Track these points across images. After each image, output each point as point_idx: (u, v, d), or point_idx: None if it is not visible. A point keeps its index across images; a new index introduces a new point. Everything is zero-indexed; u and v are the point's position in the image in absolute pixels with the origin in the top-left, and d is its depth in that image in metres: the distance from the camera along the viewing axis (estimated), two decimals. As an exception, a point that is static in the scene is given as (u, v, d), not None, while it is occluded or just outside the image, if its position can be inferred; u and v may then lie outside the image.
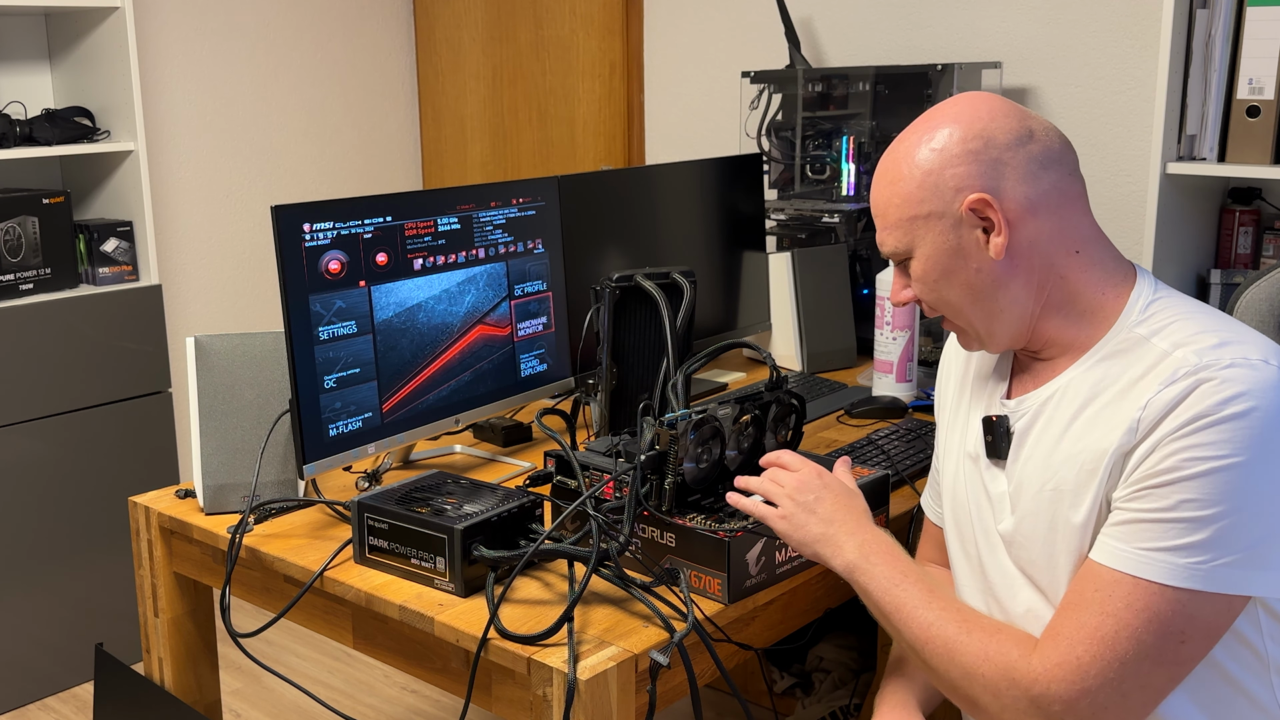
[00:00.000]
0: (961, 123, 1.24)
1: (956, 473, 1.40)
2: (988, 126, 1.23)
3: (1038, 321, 1.27)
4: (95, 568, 2.94)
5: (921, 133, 1.27)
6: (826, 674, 2.51)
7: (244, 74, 3.44)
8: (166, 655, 1.84)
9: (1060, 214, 1.24)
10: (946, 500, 1.44)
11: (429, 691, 2.84)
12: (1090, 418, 1.22)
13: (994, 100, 1.26)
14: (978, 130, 1.23)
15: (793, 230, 2.68)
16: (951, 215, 1.24)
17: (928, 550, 1.58)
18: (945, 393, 1.49)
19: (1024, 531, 1.28)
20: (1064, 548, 1.23)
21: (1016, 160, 1.22)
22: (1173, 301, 1.25)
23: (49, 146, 2.81)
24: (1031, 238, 1.23)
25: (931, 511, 1.55)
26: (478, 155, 3.72)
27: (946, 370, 1.50)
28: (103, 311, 2.88)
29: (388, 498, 1.55)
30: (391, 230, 1.78)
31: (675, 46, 3.23)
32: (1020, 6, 2.63)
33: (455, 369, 1.90)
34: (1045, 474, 1.25)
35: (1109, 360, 1.23)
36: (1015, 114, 1.25)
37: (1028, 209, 1.23)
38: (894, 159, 1.29)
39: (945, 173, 1.24)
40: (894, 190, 1.28)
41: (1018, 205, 1.23)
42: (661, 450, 1.45)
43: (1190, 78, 2.13)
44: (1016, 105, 1.27)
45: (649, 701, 1.33)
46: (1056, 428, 1.25)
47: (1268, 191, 2.34)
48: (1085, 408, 1.23)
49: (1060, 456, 1.23)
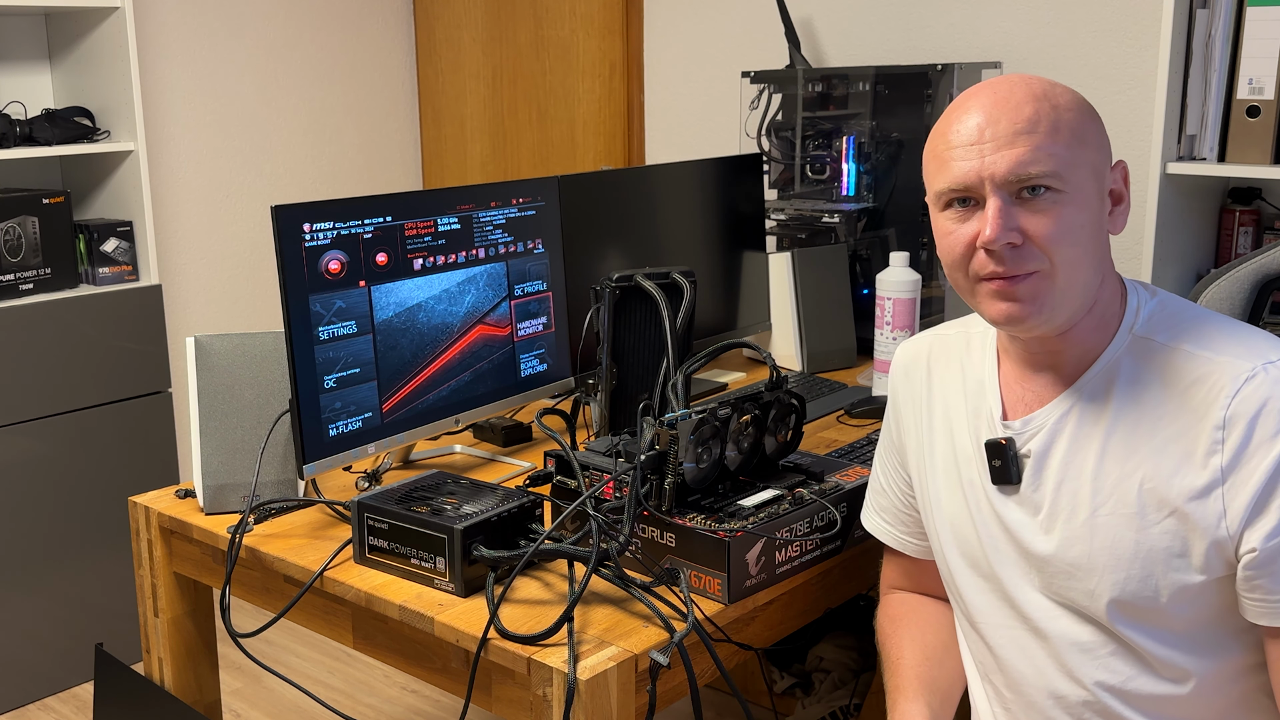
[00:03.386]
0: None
1: (954, 502, 1.35)
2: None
3: (1086, 308, 1.22)
4: (95, 568, 2.94)
5: (1053, 83, 1.20)
6: (826, 674, 2.51)
7: (244, 74, 3.44)
8: (166, 655, 1.84)
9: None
10: (944, 531, 1.37)
11: (429, 691, 2.84)
12: (1133, 434, 1.18)
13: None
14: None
15: (793, 230, 2.68)
16: (1106, 166, 1.21)
17: (894, 577, 1.54)
18: (903, 410, 1.43)
19: (1071, 557, 1.22)
20: (1162, 584, 1.18)
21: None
22: (1170, 304, 1.24)
23: (49, 146, 2.81)
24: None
25: (893, 539, 1.49)
26: (478, 155, 3.72)
27: (904, 387, 1.44)
28: (103, 311, 2.88)
29: (388, 498, 1.55)
30: (391, 230, 1.78)
31: (675, 46, 3.23)
32: (1020, 6, 2.63)
33: (455, 369, 1.90)
34: (1095, 497, 1.20)
35: (1124, 368, 1.20)
36: None
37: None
38: (1048, 84, 1.19)
39: (1100, 124, 1.21)
40: (1060, 115, 1.17)
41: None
42: (661, 450, 1.45)
43: (1190, 78, 2.13)
44: None
45: (649, 701, 1.33)
46: (1089, 446, 1.21)
47: (1268, 191, 2.34)
48: (1117, 422, 1.19)
49: (1109, 479, 1.19)
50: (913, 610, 1.49)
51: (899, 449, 1.45)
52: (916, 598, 1.51)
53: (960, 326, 1.42)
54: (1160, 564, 1.17)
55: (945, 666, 1.42)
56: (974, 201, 1.19)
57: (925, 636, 1.45)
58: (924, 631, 1.45)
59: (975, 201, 1.19)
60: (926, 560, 1.47)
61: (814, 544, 1.54)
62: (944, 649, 1.44)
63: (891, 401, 1.47)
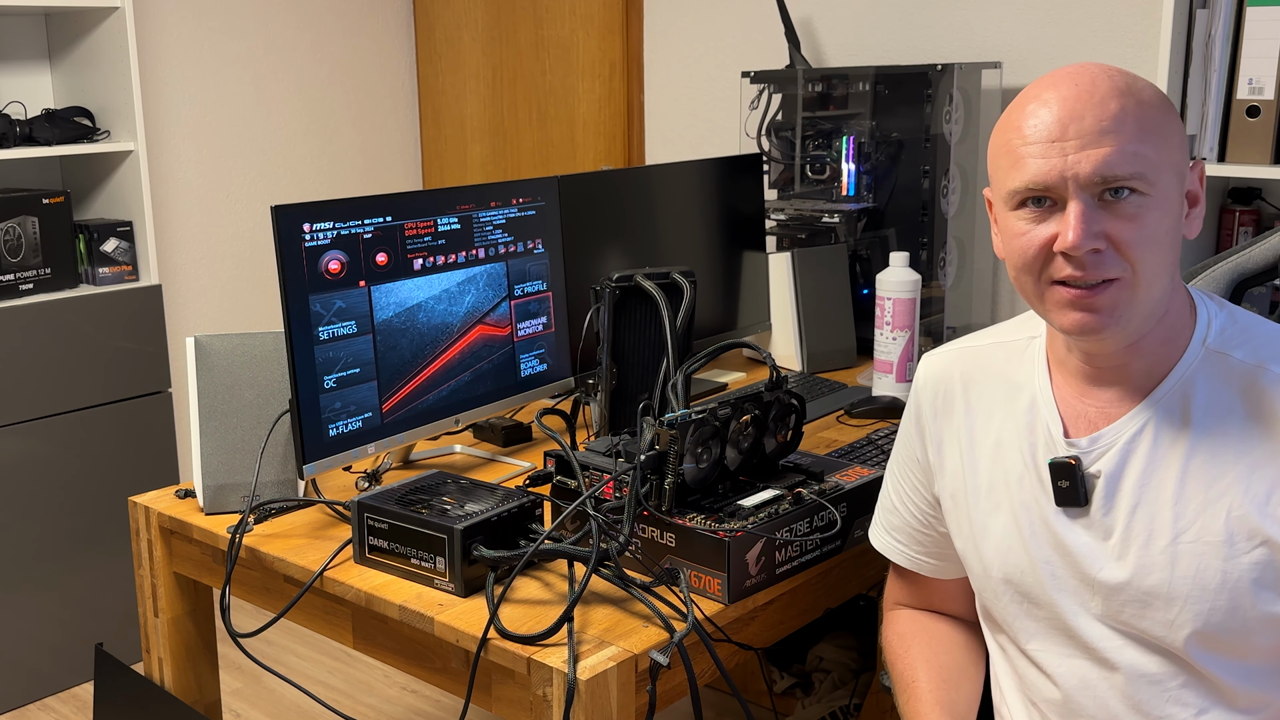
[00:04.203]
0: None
1: (1003, 526, 1.27)
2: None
3: (1157, 318, 1.16)
4: (95, 568, 2.94)
5: (1132, 75, 1.13)
6: (826, 674, 2.51)
7: (244, 74, 3.44)
8: (166, 655, 1.84)
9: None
10: (990, 556, 1.28)
11: (429, 691, 2.84)
12: (1218, 456, 1.13)
13: None
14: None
15: (793, 230, 2.68)
16: (1183, 168, 1.13)
17: (903, 595, 1.48)
18: (937, 430, 1.34)
19: (1149, 586, 1.16)
20: (1250, 615, 1.13)
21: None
22: (1241, 318, 1.19)
23: (49, 146, 2.81)
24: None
25: (907, 559, 1.43)
26: (478, 155, 3.72)
27: (938, 405, 1.34)
28: (103, 311, 2.88)
29: (388, 498, 1.55)
30: (391, 230, 1.78)
31: (675, 46, 3.23)
32: (1020, 6, 2.63)
33: (455, 369, 1.90)
34: (1177, 522, 1.14)
35: (1201, 385, 1.15)
36: None
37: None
38: (1127, 78, 1.12)
39: (1179, 121, 1.13)
40: (1145, 112, 1.09)
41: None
42: (661, 450, 1.45)
43: (1190, 78, 2.13)
44: None
45: (649, 701, 1.33)
46: (1169, 468, 1.15)
47: (1268, 191, 2.34)
48: (1199, 443, 1.14)
49: (1192, 504, 1.13)
50: (923, 629, 1.45)
51: (924, 469, 1.37)
52: (925, 615, 1.47)
53: (992, 336, 1.34)
54: (1249, 595, 1.12)
55: (961, 690, 1.38)
56: (1051, 202, 1.11)
57: (939, 658, 1.40)
58: (936, 653, 1.41)
59: (1053, 202, 1.11)
60: (938, 580, 1.43)
61: (814, 544, 1.54)
62: (959, 671, 1.40)
63: (915, 419, 1.38)
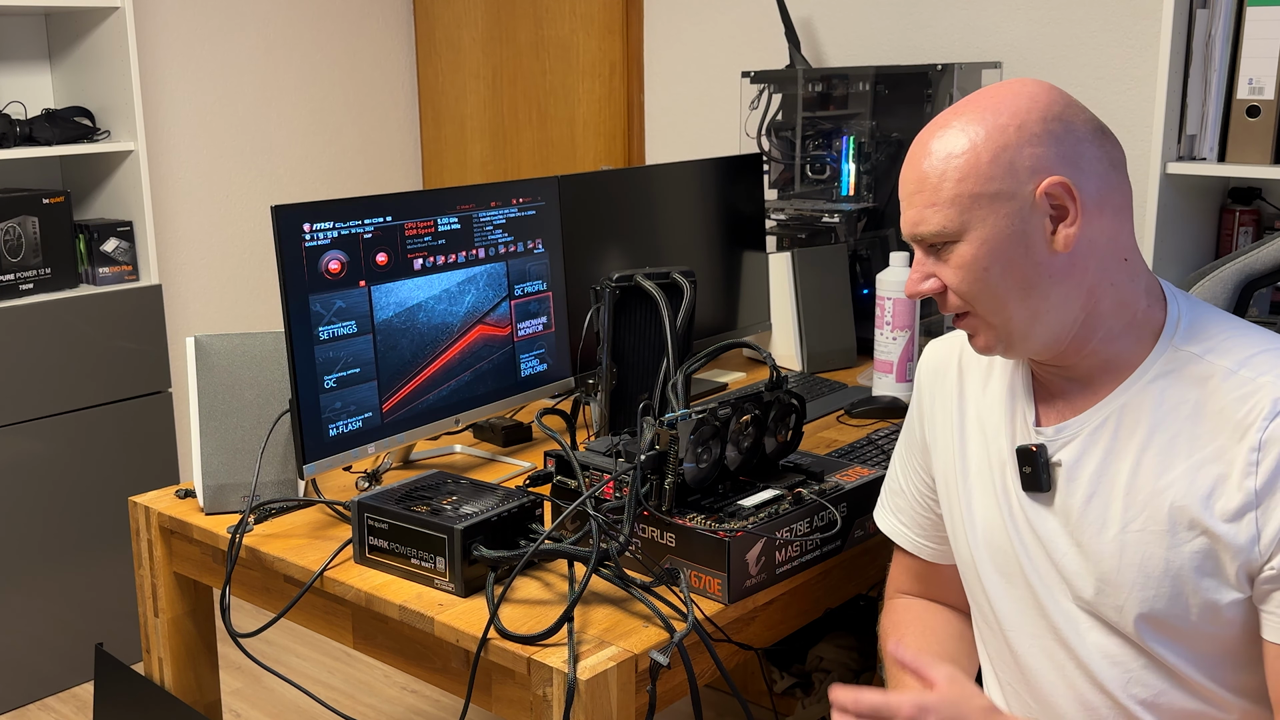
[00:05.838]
0: (1040, 104, 1.15)
1: (989, 508, 1.31)
2: (1066, 111, 1.16)
3: (1079, 330, 1.19)
4: (95, 568, 2.94)
5: (988, 109, 1.16)
6: (826, 674, 2.51)
7: (244, 74, 3.44)
8: (166, 655, 1.84)
9: (1119, 218, 1.18)
10: (976, 537, 1.33)
11: (429, 691, 2.84)
12: (1169, 451, 1.16)
13: (1062, 90, 1.19)
14: (1057, 113, 1.15)
15: (793, 230, 2.68)
16: (1022, 198, 1.14)
17: (904, 582, 1.50)
18: (933, 411, 1.39)
19: (1099, 571, 1.20)
20: (1191, 602, 1.16)
21: (1093, 154, 1.15)
22: (1209, 315, 1.21)
23: (49, 146, 2.81)
24: (1094, 236, 1.16)
25: (909, 541, 1.46)
26: (478, 155, 3.72)
27: (935, 387, 1.39)
28: (103, 311, 2.88)
29: (388, 498, 1.55)
30: (391, 230, 1.78)
31: (675, 46, 3.23)
32: (1020, 6, 2.63)
33: (455, 369, 1.90)
34: (1126, 512, 1.18)
35: (1164, 382, 1.17)
36: (1085, 109, 1.18)
37: (1097, 205, 1.15)
38: (954, 132, 1.17)
39: (1023, 151, 1.14)
40: (951, 165, 1.15)
41: (1091, 199, 1.15)
42: (661, 450, 1.45)
43: (1190, 78, 2.13)
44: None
45: (649, 701, 1.33)
46: (1124, 460, 1.19)
47: (1268, 191, 2.34)
48: (1153, 437, 1.17)
49: (1141, 494, 1.17)
50: (917, 617, 1.47)
51: (923, 449, 1.42)
52: (921, 603, 1.48)
53: None
54: (1190, 582, 1.15)
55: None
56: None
57: (930, 646, 1.42)
58: (928, 640, 1.43)
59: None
60: (939, 565, 1.45)
61: (814, 544, 1.54)
62: (950, 659, 1.41)
63: (917, 400, 1.43)
